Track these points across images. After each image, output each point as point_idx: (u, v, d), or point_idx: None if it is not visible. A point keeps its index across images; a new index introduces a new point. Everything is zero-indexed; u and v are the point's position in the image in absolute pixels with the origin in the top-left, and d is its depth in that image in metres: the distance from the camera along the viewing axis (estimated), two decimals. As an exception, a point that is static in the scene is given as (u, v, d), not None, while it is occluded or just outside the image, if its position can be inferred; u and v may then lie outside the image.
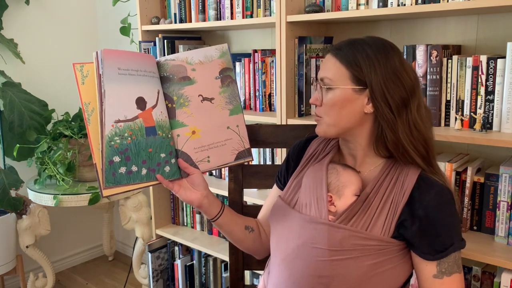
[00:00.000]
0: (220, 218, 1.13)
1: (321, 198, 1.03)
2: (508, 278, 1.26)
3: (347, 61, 0.99)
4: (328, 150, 1.14)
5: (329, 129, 1.04)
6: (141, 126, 0.99)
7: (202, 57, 1.08)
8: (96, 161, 0.97)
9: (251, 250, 1.23)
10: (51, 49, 2.68)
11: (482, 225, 1.40)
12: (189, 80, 1.07)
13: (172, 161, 1.04)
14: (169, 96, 1.05)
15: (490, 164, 1.47)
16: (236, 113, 1.12)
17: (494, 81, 1.33)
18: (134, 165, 0.98)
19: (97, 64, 0.96)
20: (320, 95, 1.04)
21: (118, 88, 0.96)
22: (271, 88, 1.86)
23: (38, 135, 2.34)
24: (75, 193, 2.20)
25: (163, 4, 2.24)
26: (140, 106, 0.99)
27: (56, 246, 2.81)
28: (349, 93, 0.99)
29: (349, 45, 1.01)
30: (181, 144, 1.06)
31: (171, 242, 2.28)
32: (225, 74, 1.10)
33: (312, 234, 0.99)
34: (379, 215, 0.98)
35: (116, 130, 0.96)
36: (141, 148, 0.99)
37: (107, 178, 0.96)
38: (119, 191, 0.99)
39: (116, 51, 0.98)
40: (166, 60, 1.06)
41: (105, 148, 0.95)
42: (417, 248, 0.97)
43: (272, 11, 1.79)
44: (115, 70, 0.96)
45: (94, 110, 0.98)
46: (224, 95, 1.10)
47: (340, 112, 1.01)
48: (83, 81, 0.98)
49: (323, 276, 0.96)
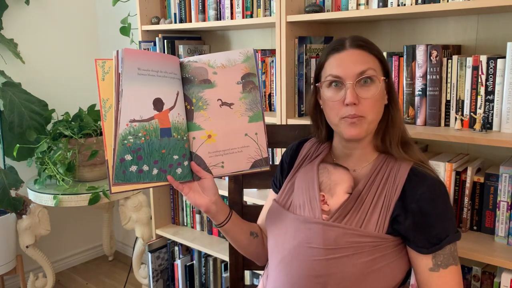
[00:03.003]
0: (227, 225, 1.12)
1: (313, 198, 1.03)
2: (508, 278, 1.26)
3: (377, 53, 1.03)
4: (320, 151, 1.14)
5: (369, 128, 1.01)
6: (156, 127, 0.99)
7: (225, 61, 1.06)
8: (108, 158, 0.97)
9: (254, 255, 1.23)
10: (51, 49, 2.68)
11: (482, 225, 1.40)
12: (209, 83, 1.05)
13: (185, 164, 1.03)
14: (189, 98, 1.04)
15: (490, 164, 1.47)
16: (256, 120, 1.08)
17: (494, 81, 1.33)
18: (145, 165, 0.98)
19: (116, 62, 0.96)
20: (361, 91, 0.98)
21: (136, 88, 0.96)
22: (271, 88, 1.86)
23: (38, 135, 2.34)
24: (75, 193, 2.21)
25: (163, 4, 2.24)
26: (157, 107, 0.99)
27: (56, 246, 2.81)
28: (383, 85, 1.02)
29: (366, 40, 1.04)
30: (195, 147, 1.05)
31: (171, 242, 2.28)
32: (247, 80, 1.07)
33: (307, 234, 1.00)
34: (372, 212, 0.98)
35: (130, 129, 0.96)
36: (154, 149, 0.99)
37: (117, 175, 0.96)
38: (128, 188, 0.98)
39: (138, 51, 0.98)
40: (189, 61, 1.05)
41: (117, 146, 0.95)
42: (412, 242, 0.98)
43: (272, 11, 1.79)
44: (135, 70, 0.96)
45: (111, 107, 0.97)
46: (244, 101, 1.07)
47: (380, 106, 1.02)
48: (103, 77, 0.98)
49: (320, 276, 0.96)
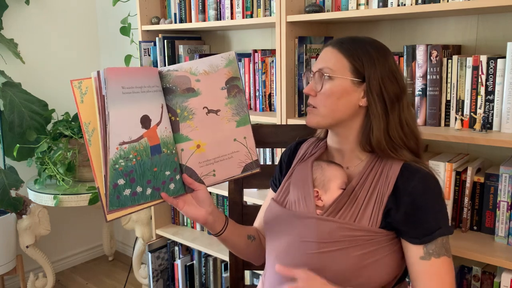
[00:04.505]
0: (224, 233, 1.12)
1: (308, 194, 1.05)
2: (508, 278, 1.26)
3: (349, 54, 1.02)
4: (315, 150, 1.16)
5: (323, 120, 1.04)
6: (146, 145, 0.95)
7: (207, 67, 1.03)
8: (98, 185, 0.92)
9: (252, 258, 1.23)
10: (51, 49, 2.68)
11: (482, 225, 1.40)
12: (193, 91, 1.01)
13: (177, 177, 1.00)
14: (172, 109, 1.00)
15: (490, 164, 1.47)
16: (243, 124, 1.07)
17: (494, 81, 1.33)
18: (139, 186, 0.95)
19: (98, 84, 0.90)
20: (316, 85, 1.04)
21: (123, 109, 0.91)
22: (271, 88, 1.86)
23: (38, 135, 2.34)
24: (75, 193, 2.21)
25: (163, 4, 2.24)
26: (145, 125, 0.95)
27: (56, 246, 2.81)
28: (348, 84, 1.01)
29: (351, 40, 1.04)
30: (185, 159, 1.01)
31: (171, 242, 2.28)
32: (231, 84, 1.05)
33: (302, 229, 1.01)
34: (366, 207, 0.99)
35: (120, 152, 0.91)
36: (146, 168, 0.95)
37: (112, 202, 0.91)
38: (123, 213, 0.94)
39: (119, 69, 0.92)
40: (169, 70, 1.00)
41: (109, 172, 0.90)
42: (404, 234, 0.98)
43: (272, 11, 1.79)
44: (119, 89, 0.91)
45: (95, 130, 0.92)
46: (230, 106, 1.05)
47: (337, 103, 1.02)
48: (82, 99, 0.91)
49: (314, 269, 0.97)
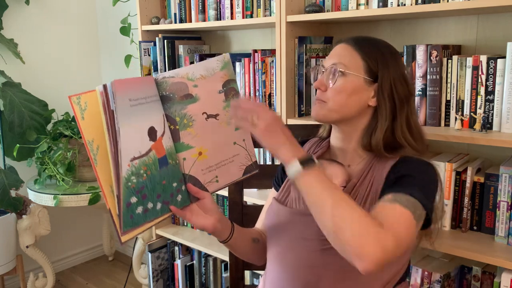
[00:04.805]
0: (232, 239, 1.10)
1: None
2: (508, 278, 1.26)
3: (365, 53, 1.03)
4: (318, 149, 1.16)
5: (330, 114, 1.04)
6: (154, 158, 0.91)
7: (203, 71, 1.00)
8: (110, 206, 0.87)
9: (255, 259, 1.22)
10: (51, 49, 2.68)
11: (482, 225, 1.40)
12: (191, 97, 0.98)
13: (183, 188, 0.98)
14: (171, 118, 0.96)
15: (490, 164, 1.47)
16: None
17: (494, 81, 1.33)
18: (150, 202, 0.91)
19: (105, 98, 0.85)
20: (328, 80, 1.04)
21: (132, 123, 0.88)
22: (271, 88, 1.86)
23: (38, 135, 2.34)
24: (75, 193, 2.21)
25: (163, 4, 2.24)
26: (152, 137, 0.92)
27: (56, 246, 2.80)
28: (360, 82, 1.02)
29: (366, 40, 1.06)
30: (188, 167, 0.99)
31: (171, 242, 2.28)
32: (228, 87, 1.03)
33: (302, 226, 1.02)
34: (364, 204, 1.00)
35: (132, 169, 0.87)
36: (156, 182, 0.92)
37: (125, 222, 0.87)
38: (137, 232, 0.91)
39: (126, 81, 0.88)
40: (164, 77, 0.96)
41: (122, 191, 0.85)
42: (381, 195, 0.96)
43: (272, 11, 1.79)
44: (127, 103, 0.87)
45: (100, 148, 0.87)
46: (228, 109, 1.02)
47: (347, 99, 1.02)
48: (83, 115, 0.86)
49: (315, 267, 0.97)
